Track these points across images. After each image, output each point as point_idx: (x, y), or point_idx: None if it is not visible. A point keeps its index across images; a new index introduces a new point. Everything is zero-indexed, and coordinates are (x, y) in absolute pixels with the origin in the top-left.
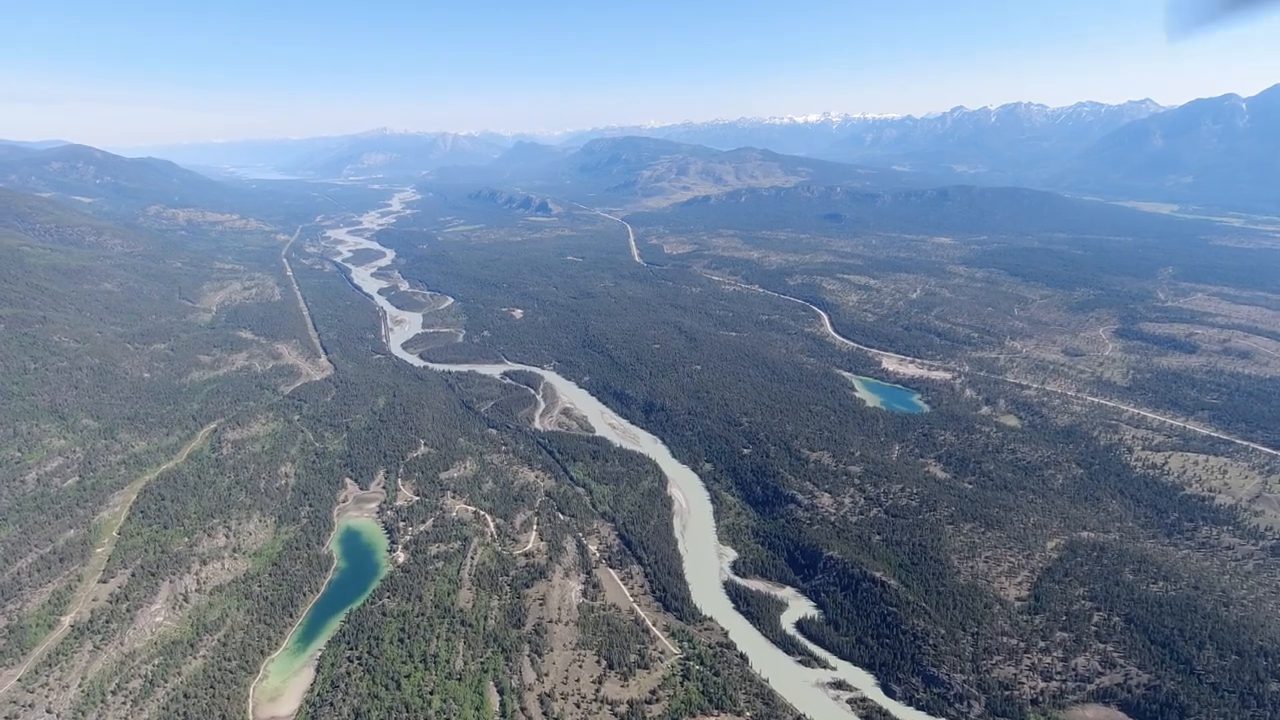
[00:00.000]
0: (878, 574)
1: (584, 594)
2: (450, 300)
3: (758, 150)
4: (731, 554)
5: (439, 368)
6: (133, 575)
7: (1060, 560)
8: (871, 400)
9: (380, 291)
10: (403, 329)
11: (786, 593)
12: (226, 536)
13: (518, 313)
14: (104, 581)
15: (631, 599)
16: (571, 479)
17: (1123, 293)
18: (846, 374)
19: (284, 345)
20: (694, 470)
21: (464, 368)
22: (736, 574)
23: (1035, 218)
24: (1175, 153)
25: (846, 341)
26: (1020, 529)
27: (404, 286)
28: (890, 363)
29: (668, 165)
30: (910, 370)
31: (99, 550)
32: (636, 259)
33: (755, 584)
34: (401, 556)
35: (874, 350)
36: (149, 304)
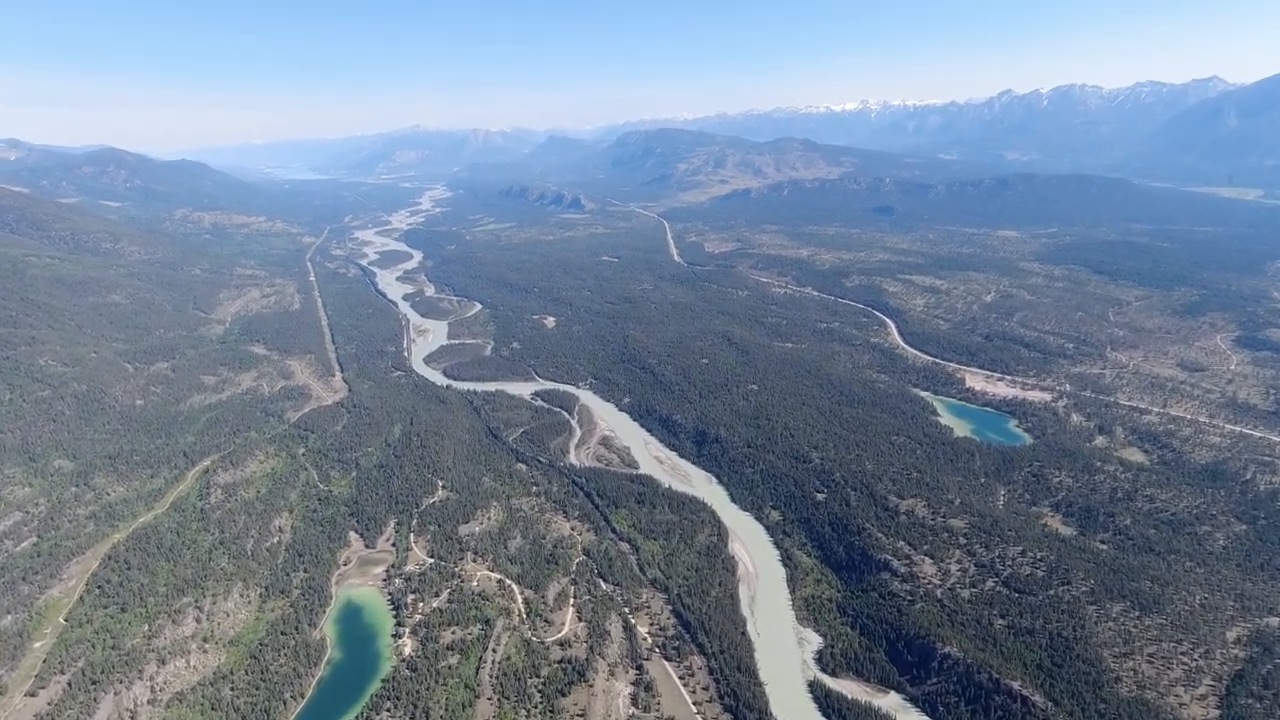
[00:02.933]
0: (1014, 683)
1: (634, 700)
2: (478, 307)
3: (798, 140)
4: (815, 640)
5: (463, 386)
6: (69, 684)
7: (1251, 661)
8: (960, 428)
9: (405, 297)
10: (426, 340)
11: (891, 701)
12: (197, 620)
13: (550, 320)
14: (32, 695)
15: (694, 708)
16: (614, 531)
17: (1231, 292)
18: (925, 394)
19: (297, 362)
20: (758, 519)
21: (491, 386)
22: (823, 670)
23: (1105, 207)
24: (1252, 133)
25: (920, 354)
26: (1185, 612)
27: (430, 291)
28: (975, 380)
29: (704, 158)
30: (1000, 389)
31: (37, 646)
32: (676, 258)
33: (849, 686)
34: (408, 645)
35: (953, 364)
36: (159, 316)
